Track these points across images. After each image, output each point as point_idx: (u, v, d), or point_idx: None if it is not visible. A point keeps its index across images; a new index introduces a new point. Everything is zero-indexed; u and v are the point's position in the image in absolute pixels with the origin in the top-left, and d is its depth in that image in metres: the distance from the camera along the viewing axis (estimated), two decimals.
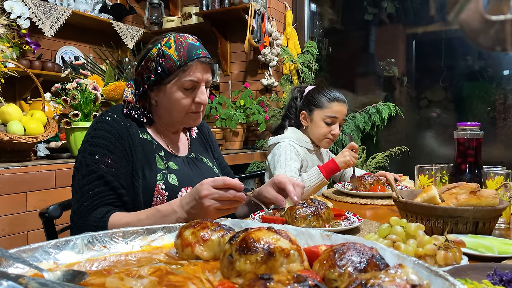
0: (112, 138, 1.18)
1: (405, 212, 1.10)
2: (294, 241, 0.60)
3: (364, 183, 1.73)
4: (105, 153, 1.16)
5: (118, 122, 1.21)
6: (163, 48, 1.21)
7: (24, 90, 2.97)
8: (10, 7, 2.54)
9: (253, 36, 3.36)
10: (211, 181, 0.99)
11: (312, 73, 3.45)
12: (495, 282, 0.65)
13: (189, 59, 1.19)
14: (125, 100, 1.26)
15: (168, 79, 1.21)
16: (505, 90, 2.98)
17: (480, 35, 0.48)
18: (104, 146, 1.17)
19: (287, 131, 2.05)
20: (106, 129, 1.19)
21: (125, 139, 1.20)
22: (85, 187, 1.13)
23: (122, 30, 3.59)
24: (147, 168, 1.21)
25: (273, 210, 1.27)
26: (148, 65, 1.23)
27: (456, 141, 1.34)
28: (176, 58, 1.19)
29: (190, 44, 1.22)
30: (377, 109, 3.23)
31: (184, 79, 1.20)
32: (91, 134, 1.20)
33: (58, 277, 0.57)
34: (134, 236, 0.75)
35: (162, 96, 1.24)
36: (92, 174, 1.14)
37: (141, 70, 1.26)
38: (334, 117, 1.93)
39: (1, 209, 1.90)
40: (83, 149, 1.19)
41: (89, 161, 1.15)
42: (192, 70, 1.20)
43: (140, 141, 1.23)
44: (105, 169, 1.14)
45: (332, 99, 1.94)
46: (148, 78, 1.23)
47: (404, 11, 3.35)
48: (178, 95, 1.21)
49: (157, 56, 1.21)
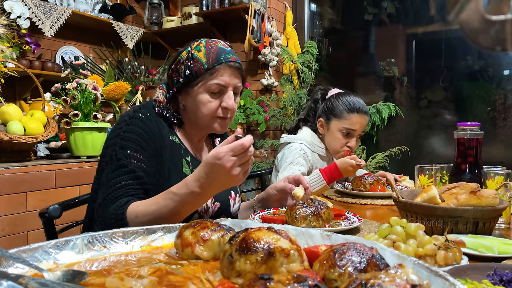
0: (145, 135, 1.16)
1: (405, 212, 1.10)
2: (294, 241, 0.59)
3: (364, 183, 1.73)
4: (137, 149, 1.14)
5: (151, 121, 1.20)
6: (192, 51, 1.21)
7: (24, 90, 2.97)
8: (10, 7, 2.54)
9: (253, 36, 3.36)
10: (229, 150, 0.94)
11: (312, 73, 3.45)
12: (495, 282, 0.65)
13: (217, 62, 1.18)
14: (156, 99, 1.25)
15: (196, 82, 1.20)
16: (505, 90, 2.98)
17: (480, 35, 0.48)
18: (136, 141, 1.15)
19: (302, 132, 1.97)
20: (140, 126, 1.17)
21: (157, 139, 1.18)
22: (113, 180, 1.11)
23: (122, 30, 3.59)
24: (174, 171, 1.20)
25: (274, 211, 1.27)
26: (178, 68, 1.23)
27: (456, 141, 1.34)
28: (204, 61, 1.19)
29: (220, 48, 1.21)
30: (377, 109, 3.23)
31: (210, 82, 1.18)
32: (124, 128, 1.17)
33: (58, 277, 0.57)
34: (134, 236, 0.75)
35: (189, 100, 1.23)
36: (123, 168, 1.11)
37: (171, 73, 1.26)
38: (352, 129, 1.83)
39: (1, 209, 1.90)
40: (113, 143, 1.16)
41: (120, 155, 1.12)
42: (219, 73, 1.19)
43: (170, 143, 1.22)
44: (137, 164, 1.12)
45: (352, 110, 1.83)
46: (177, 81, 1.23)
47: (404, 11, 3.35)
48: (205, 98, 1.20)
49: (186, 59, 1.21)
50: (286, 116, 3.43)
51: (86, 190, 2.23)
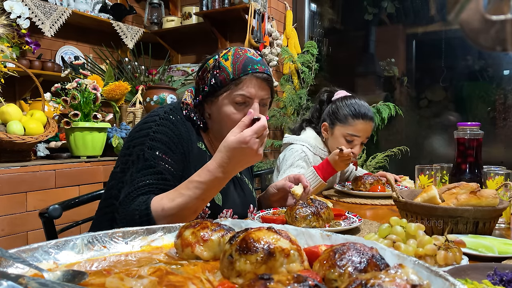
0: (175, 138, 1.15)
1: (405, 212, 1.10)
2: (294, 241, 0.59)
3: (364, 183, 1.73)
4: (166, 151, 1.12)
5: (182, 124, 1.18)
6: (220, 59, 1.18)
7: (24, 90, 2.97)
8: (10, 7, 2.54)
9: (253, 36, 3.36)
10: (253, 133, 1.00)
11: (312, 73, 3.45)
12: (495, 282, 0.65)
13: (243, 72, 1.15)
14: (184, 102, 1.24)
15: (220, 92, 1.17)
16: (505, 90, 2.98)
17: (481, 35, 0.48)
18: (166, 143, 1.13)
19: (305, 133, 1.95)
20: (171, 128, 1.15)
21: (186, 143, 1.17)
22: (140, 178, 1.09)
23: (122, 30, 3.59)
24: None
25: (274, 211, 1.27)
26: (204, 75, 1.21)
27: (456, 141, 1.34)
28: (230, 71, 1.15)
29: (248, 58, 1.17)
30: (377, 109, 3.23)
31: (235, 93, 1.15)
32: (153, 128, 1.14)
33: (58, 277, 0.56)
34: (134, 236, 0.75)
35: (214, 109, 1.21)
36: (150, 169, 1.09)
37: (198, 80, 1.24)
38: (356, 136, 1.80)
39: (1, 209, 1.90)
40: (142, 142, 1.13)
41: (148, 155, 1.10)
42: (245, 84, 1.15)
43: (197, 150, 1.21)
44: (164, 166, 1.11)
45: (357, 116, 1.79)
46: (202, 89, 1.20)
47: (404, 11, 3.35)
48: (229, 109, 1.17)
49: (213, 68, 1.18)
50: (286, 116, 3.43)
51: (86, 190, 2.22)
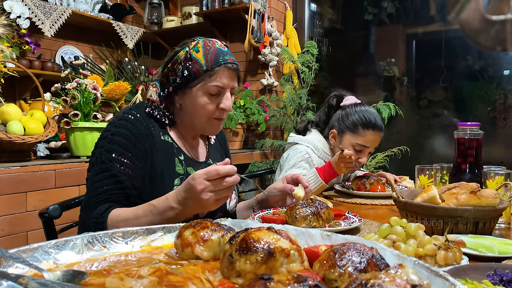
0: (133, 137, 1.17)
1: (405, 212, 1.10)
2: (294, 241, 0.59)
3: (364, 183, 1.73)
4: (123, 152, 1.15)
5: (140, 122, 1.20)
6: (191, 51, 1.20)
7: (24, 90, 2.97)
8: (10, 7, 2.54)
9: (253, 36, 3.36)
10: (204, 174, 0.97)
11: (312, 73, 3.45)
12: (495, 282, 0.65)
13: (216, 64, 1.18)
14: (149, 99, 1.25)
15: (194, 83, 1.19)
16: (505, 90, 2.98)
17: (481, 35, 0.48)
18: (123, 144, 1.15)
19: (310, 134, 1.93)
20: (128, 128, 1.18)
21: (147, 140, 1.18)
22: (96, 183, 1.14)
23: (122, 30, 3.59)
24: (166, 171, 1.20)
25: None
26: (175, 67, 1.22)
27: (456, 141, 1.34)
28: (203, 63, 1.18)
29: (218, 50, 1.21)
30: (377, 109, 3.22)
31: (210, 84, 1.18)
32: (112, 131, 1.18)
33: (58, 277, 0.56)
34: (134, 236, 0.75)
35: (186, 100, 1.23)
36: (105, 172, 1.13)
37: (167, 72, 1.25)
38: (365, 146, 1.77)
39: (1, 209, 1.90)
40: (101, 145, 1.17)
41: (104, 158, 1.14)
42: (218, 75, 1.19)
43: (162, 143, 1.22)
44: (120, 168, 1.13)
45: (367, 126, 1.75)
46: (173, 80, 1.22)
47: (404, 11, 3.35)
48: (203, 100, 1.20)
49: (185, 59, 1.20)
50: (286, 116, 3.43)
51: (86, 190, 2.22)
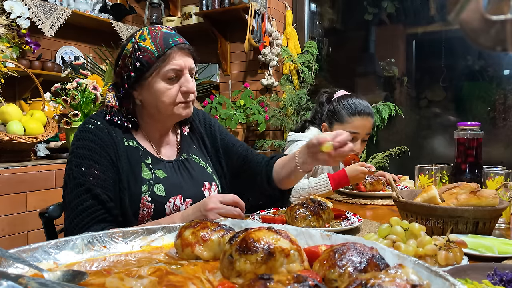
0: (97, 148, 1.12)
1: (405, 212, 1.09)
2: (294, 241, 0.59)
3: (364, 183, 1.73)
4: (91, 164, 1.10)
5: (101, 130, 1.15)
6: (138, 42, 1.15)
7: (24, 90, 2.97)
8: (10, 7, 2.54)
9: (253, 36, 3.36)
10: (221, 196, 1.01)
11: (312, 73, 3.45)
12: (495, 282, 0.65)
13: (166, 47, 1.13)
14: (107, 105, 1.19)
15: (149, 73, 1.14)
16: (505, 90, 2.98)
17: (481, 35, 0.48)
18: (89, 157, 1.11)
19: (310, 131, 1.95)
20: (90, 139, 1.13)
21: (110, 148, 1.13)
22: (74, 201, 1.08)
23: (122, 30, 3.59)
24: (132, 179, 1.15)
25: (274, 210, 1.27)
26: (126, 62, 1.16)
27: (456, 141, 1.34)
28: (153, 49, 1.13)
29: (165, 33, 1.16)
30: (377, 109, 3.23)
31: (165, 69, 1.13)
32: (76, 144, 1.14)
33: (58, 277, 0.56)
34: (134, 236, 0.75)
35: (146, 93, 1.17)
36: (80, 187, 1.08)
37: (119, 70, 1.19)
38: (355, 132, 1.76)
39: (1, 209, 1.90)
40: (70, 160, 1.13)
41: (76, 173, 1.09)
42: (172, 58, 1.14)
43: (125, 149, 1.17)
44: (93, 181, 1.09)
45: (353, 113, 1.78)
46: (128, 76, 1.15)
47: (404, 11, 3.35)
48: (162, 86, 1.14)
49: (133, 51, 1.14)
50: (286, 116, 3.43)
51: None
